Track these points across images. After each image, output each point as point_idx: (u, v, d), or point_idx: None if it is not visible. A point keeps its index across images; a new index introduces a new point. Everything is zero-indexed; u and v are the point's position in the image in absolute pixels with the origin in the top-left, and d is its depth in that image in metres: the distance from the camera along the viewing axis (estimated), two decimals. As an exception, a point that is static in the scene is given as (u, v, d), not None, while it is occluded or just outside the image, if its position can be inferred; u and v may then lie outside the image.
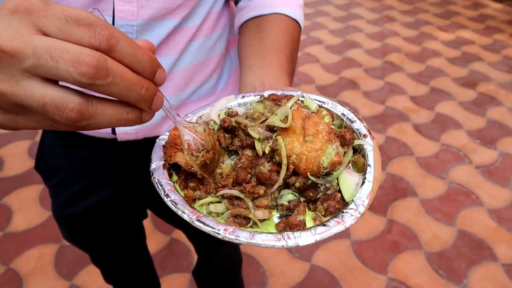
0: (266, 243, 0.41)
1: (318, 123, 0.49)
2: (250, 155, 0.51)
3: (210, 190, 0.49)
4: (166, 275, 1.83)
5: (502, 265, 1.88)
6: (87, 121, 0.32)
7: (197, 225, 0.43)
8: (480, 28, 4.08)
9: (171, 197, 0.45)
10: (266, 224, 0.47)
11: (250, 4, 0.80)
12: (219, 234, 0.42)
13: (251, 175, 0.50)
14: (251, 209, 0.46)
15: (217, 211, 0.47)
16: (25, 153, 2.49)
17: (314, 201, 0.49)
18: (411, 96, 3.06)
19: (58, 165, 0.95)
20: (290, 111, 0.49)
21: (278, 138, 0.49)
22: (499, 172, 2.39)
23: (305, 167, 0.47)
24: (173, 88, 0.80)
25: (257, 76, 0.66)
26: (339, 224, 0.43)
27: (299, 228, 0.45)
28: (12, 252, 1.91)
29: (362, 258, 1.90)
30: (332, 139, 0.48)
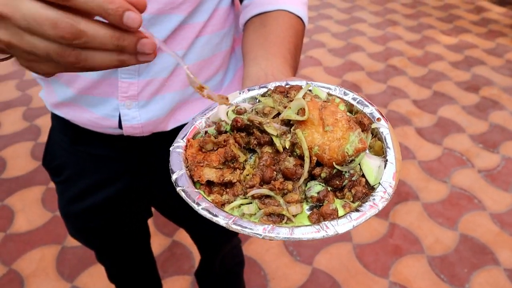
0: (307, 236, 0.42)
1: (335, 112, 0.49)
2: (270, 152, 0.51)
3: (238, 192, 0.49)
4: (168, 277, 1.83)
5: (504, 270, 1.88)
6: (83, 63, 0.38)
7: (235, 229, 0.43)
8: (483, 32, 4.08)
9: (201, 205, 0.45)
10: (299, 218, 0.47)
11: (254, 1, 0.81)
12: (259, 235, 0.42)
13: (276, 172, 0.50)
14: (283, 205, 0.46)
15: (250, 212, 0.46)
16: (28, 154, 2.50)
17: (341, 189, 0.49)
18: (414, 100, 3.06)
19: (65, 162, 0.95)
20: (305, 103, 0.49)
21: (297, 132, 0.49)
22: (501, 177, 2.38)
23: (330, 157, 0.47)
24: (179, 84, 0.81)
25: (261, 67, 0.67)
26: (373, 208, 0.44)
27: (333, 216, 0.45)
28: (14, 253, 1.92)
29: (364, 262, 1.90)
30: (352, 127, 0.48)
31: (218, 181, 0.49)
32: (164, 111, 0.81)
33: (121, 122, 0.80)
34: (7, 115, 2.85)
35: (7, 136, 2.64)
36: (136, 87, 0.77)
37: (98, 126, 0.83)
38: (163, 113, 0.82)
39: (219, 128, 0.55)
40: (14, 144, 2.57)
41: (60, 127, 0.93)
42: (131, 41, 0.39)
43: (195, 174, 0.49)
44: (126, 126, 0.81)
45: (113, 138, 0.85)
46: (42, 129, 2.71)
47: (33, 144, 2.57)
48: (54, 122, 0.96)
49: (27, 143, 2.58)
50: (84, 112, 0.82)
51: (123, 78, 0.76)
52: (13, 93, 3.07)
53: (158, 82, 0.78)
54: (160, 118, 0.82)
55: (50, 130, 1.00)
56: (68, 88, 0.81)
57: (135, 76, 0.76)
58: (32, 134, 2.67)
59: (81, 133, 0.87)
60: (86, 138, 0.88)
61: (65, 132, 0.91)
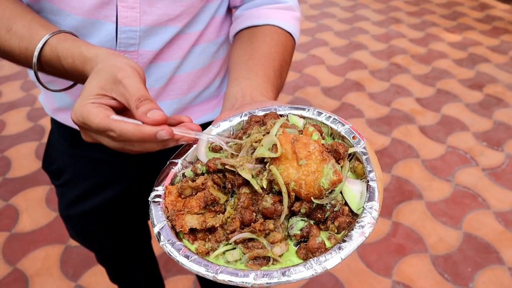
0: (297, 277, 0.41)
1: (308, 144, 0.47)
2: (248, 192, 0.49)
3: (220, 238, 0.48)
4: (171, 277, 1.83)
5: (508, 269, 1.86)
6: (133, 152, 0.54)
7: (221, 280, 0.42)
8: (487, 29, 4.05)
9: (186, 259, 0.45)
10: (287, 255, 0.46)
11: (245, 14, 0.80)
12: (248, 283, 0.41)
13: (256, 212, 0.48)
14: (268, 247, 0.46)
15: (235, 259, 0.46)
16: (32, 154, 2.51)
17: (324, 221, 0.48)
18: (417, 98, 3.04)
19: (64, 165, 0.96)
20: (277, 139, 0.48)
21: (272, 168, 0.48)
22: (506, 175, 2.36)
23: (307, 192, 0.46)
24: (177, 92, 0.80)
25: (241, 87, 0.67)
26: (360, 236, 0.44)
27: (321, 250, 0.44)
28: (18, 252, 1.93)
29: (367, 261, 1.90)
30: (326, 158, 0.47)
31: (201, 228, 0.49)
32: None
33: None
34: (12, 115, 2.86)
35: (12, 136, 2.66)
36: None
37: None
38: None
39: (195, 171, 0.54)
40: (19, 144, 2.59)
41: (59, 131, 0.93)
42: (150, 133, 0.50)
43: (176, 224, 0.49)
44: None
45: None
46: (46, 129, 2.72)
47: (37, 144, 2.59)
48: (53, 126, 0.97)
49: (31, 143, 2.60)
50: None
51: None
52: (18, 94, 3.09)
53: (155, 91, 0.78)
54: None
55: (50, 134, 1.00)
56: (66, 95, 0.81)
57: None
58: (36, 134, 2.68)
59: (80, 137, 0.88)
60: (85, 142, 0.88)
61: (64, 136, 0.92)
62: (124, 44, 0.69)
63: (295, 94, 3.11)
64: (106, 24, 0.67)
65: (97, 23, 0.67)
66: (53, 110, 0.87)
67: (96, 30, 0.68)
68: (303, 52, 3.66)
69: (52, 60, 0.60)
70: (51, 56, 0.59)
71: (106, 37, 0.68)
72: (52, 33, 0.60)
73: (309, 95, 3.09)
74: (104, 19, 0.67)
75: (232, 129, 0.59)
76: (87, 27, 0.67)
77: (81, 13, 0.66)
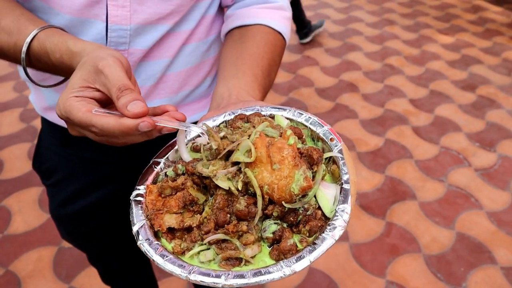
0: (266, 278, 0.42)
1: (282, 149, 0.48)
2: (224, 194, 0.50)
3: (196, 238, 0.49)
4: (165, 277, 1.83)
5: (501, 269, 1.88)
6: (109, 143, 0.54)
7: (194, 281, 0.43)
8: (479, 31, 4.09)
9: (162, 259, 0.46)
10: (260, 256, 0.47)
11: (236, 13, 0.80)
12: (219, 284, 0.42)
13: (230, 214, 0.49)
14: (240, 248, 0.46)
15: (208, 259, 0.47)
16: (25, 155, 2.49)
17: (297, 225, 0.49)
18: (411, 99, 3.06)
19: (55, 164, 0.95)
20: (252, 144, 0.48)
21: (247, 171, 0.48)
22: (498, 175, 2.39)
23: (279, 196, 0.47)
24: (167, 91, 0.80)
25: (228, 87, 0.67)
26: (329, 239, 0.44)
27: (292, 252, 0.45)
28: (11, 254, 1.91)
29: (360, 261, 1.90)
30: (298, 164, 0.47)
31: (179, 227, 0.49)
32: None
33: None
34: (4, 116, 2.84)
35: (4, 138, 2.64)
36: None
37: None
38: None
39: (176, 171, 0.55)
40: (11, 145, 2.57)
41: (50, 130, 0.93)
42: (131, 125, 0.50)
43: (155, 223, 0.49)
44: None
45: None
46: (39, 130, 2.70)
47: (30, 145, 2.57)
48: (44, 125, 0.96)
49: (24, 144, 2.58)
50: None
51: None
52: (10, 95, 3.07)
53: (145, 90, 0.78)
54: None
55: (40, 133, 1.00)
56: (56, 93, 0.80)
57: None
58: (29, 135, 2.66)
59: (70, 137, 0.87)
60: (75, 142, 0.88)
61: (55, 135, 0.91)
62: (114, 43, 0.69)
63: (290, 95, 3.12)
64: (96, 23, 0.67)
65: (87, 22, 0.67)
66: (43, 109, 0.87)
67: (86, 29, 0.68)
68: (298, 53, 3.67)
69: (40, 55, 0.60)
70: (40, 51, 0.59)
71: (96, 36, 0.68)
72: (40, 27, 0.59)
73: (303, 96, 3.10)
74: (94, 18, 0.67)
75: (215, 129, 0.60)
76: (77, 26, 0.67)
77: (70, 12, 0.66)
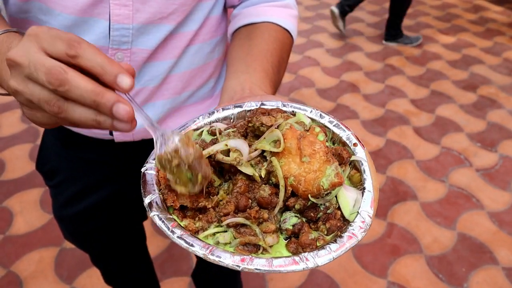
0: (287, 269, 0.41)
1: (314, 143, 0.47)
2: (245, 179, 0.49)
3: (212, 219, 0.47)
4: (166, 278, 1.83)
5: (502, 269, 1.88)
6: (64, 114, 0.41)
7: (212, 260, 0.42)
8: (480, 31, 4.08)
9: (177, 233, 0.44)
10: (276, 247, 0.46)
11: (243, 12, 0.81)
12: (238, 267, 0.41)
13: (251, 200, 0.48)
14: (260, 235, 0.45)
15: (225, 241, 0.45)
16: (26, 156, 2.50)
17: (315, 221, 0.48)
18: (412, 99, 3.06)
19: (57, 166, 0.96)
20: (280, 135, 0.48)
21: (273, 160, 0.47)
22: (499, 175, 2.38)
23: (305, 189, 0.46)
24: (170, 92, 0.81)
25: (240, 81, 0.67)
26: (352, 239, 0.43)
27: (312, 247, 0.44)
28: (12, 255, 1.92)
29: (362, 262, 1.90)
30: (330, 160, 0.47)
31: (192, 206, 0.48)
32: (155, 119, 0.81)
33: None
34: (6, 117, 2.85)
35: (6, 138, 2.64)
36: (125, 96, 0.77)
37: (89, 132, 0.83)
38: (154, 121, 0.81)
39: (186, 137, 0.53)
40: (13, 146, 2.58)
41: (52, 131, 0.93)
42: (108, 100, 0.41)
43: (168, 198, 0.48)
44: (117, 134, 0.81)
45: (105, 143, 0.85)
46: (40, 131, 2.71)
47: (31, 146, 2.57)
48: None
49: (25, 145, 2.58)
50: None
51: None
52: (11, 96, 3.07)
53: (149, 91, 0.78)
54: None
55: (43, 134, 1.00)
56: None
57: None
58: (31, 136, 2.67)
59: (72, 137, 0.88)
60: (77, 142, 0.88)
61: (57, 136, 0.92)
62: (117, 42, 0.69)
63: (291, 95, 3.12)
64: (99, 21, 0.68)
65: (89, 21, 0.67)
66: None
67: (89, 28, 0.68)
68: (299, 54, 3.67)
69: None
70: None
71: (99, 34, 0.68)
72: (2, 31, 0.57)
73: (304, 96, 3.10)
74: (97, 17, 0.67)
75: (233, 117, 0.58)
76: (80, 25, 0.67)
77: (73, 12, 0.66)
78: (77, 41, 0.40)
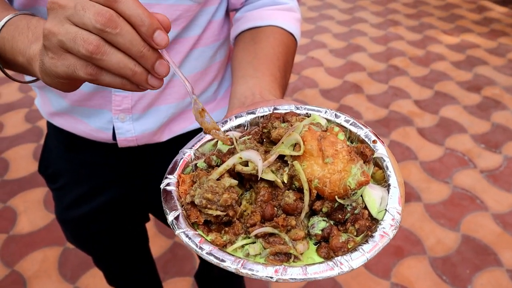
0: (323, 275, 0.40)
1: (335, 143, 0.46)
2: (267, 186, 0.48)
3: (239, 231, 0.46)
4: (169, 278, 1.83)
5: (507, 271, 1.87)
6: (101, 56, 0.41)
7: (245, 273, 0.40)
8: (484, 31, 4.07)
9: (205, 250, 0.43)
10: (307, 253, 0.45)
11: (246, 15, 0.80)
12: (272, 278, 0.40)
13: (276, 207, 0.47)
14: (289, 243, 0.44)
15: (255, 253, 0.44)
16: (30, 156, 2.50)
17: (343, 223, 0.47)
18: (415, 100, 3.05)
19: (60, 169, 0.96)
20: (300, 138, 0.47)
21: (295, 164, 0.46)
22: (504, 177, 2.37)
23: (331, 191, 0.45)
24: (174, 96, 0.80)
25: (249, 86, 0.66)
26: (384, 237, 0.43)
27: (343, 250, 0.43)
28: (16, 254, 1.92)
29: (365, 263, 1.89)
30: (354, 158, 0.46)
31: (217, 221, 0.46)
32: (158, 124, 0.81)
33: (115, 135, 0.80)
34: (10, 117, 2.86)
35: (10, 138, 2.65)
36: (129, 100, 0.77)
37: (93, 137, 0.83)
38: (158, 126, 0.81)
39: (209, 163, 0.52)
40: (17, 146, 2.58)
41: (55, 134, 0.93)
42: (152, 55, 0.42)
43: (192, 214, 0.47)
44: (120, 139, 0.81)
45: (108, 146, 0.85)
46: (44, 131, 2.72)
47: (35, 146, 2.58)
48: (49, 130, 0.96)
49: (29, 145, 2.59)
50: (78, 123, 0.82)
51: (116, 92, 0.76)
52: (16, 95, 3.08)
53: (152, 95, 0.78)
54: (154, 131, 0.82)
55: (46, 137, 1.00)
56: (62, 99, 0.81)
57: None
58: (34, 136, 2.68)
59: (75, 141, 0.87)
60: (80, 146, 0.88)
61: (60, 139, 0.92)
62: None
63: (294, 96, 3.11)
64: None
65: None
66: (49, 114, 0.87)
67: None
68: (302, 54, 3.66)
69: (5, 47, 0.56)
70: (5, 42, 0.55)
71: None
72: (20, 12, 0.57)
73: (307, 97, 3.10)
74: None
75: (247, 124, 0.58)
76: None
77: None
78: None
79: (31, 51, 0.50)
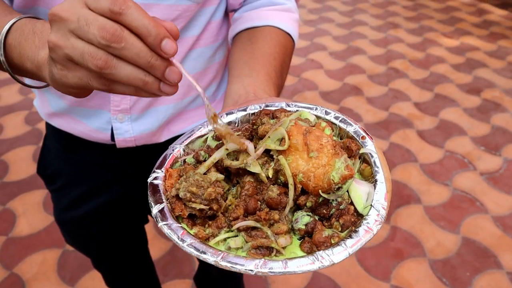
0: (302, 269, 0.40)
1: (320, 137, 0.46)
2: (252, 181, 0.48)
3: (222, 225, 0.46)
4: (168, 281, 1.82)
5: (507, 274, 1.86)
6: (110, 70, 0.41)
7: (224, 266, 0.40)
8: (484, 34, 4.07)
9: (187, 242, 0.43)
10: (290, 248, 0.45)
11: (244, 16, 0.80)
12: (252, 271, 0.40)
13: (260, 202, 0.47)
14: (272, 237, 0.44)
15: (236, 246, 0.44)
16: (30, 158, 2.50)
17: (328, 218, 0.47)
18: (415, 103, 3.05)
19: (59, 170, 0.95)
20: (285, 132, 0.47)
21: (280, 158, 0.46)
22: (504, 179, 2.37)
23: (315, 185, 0.45)
24: (173, 97, 0.80)
25: (243, 85, 0.66)
26: (368, 232, 0.42)
27: (326, 244, 0.43)
28: (15, 256, 1.92)
29: (365, 266, 1.89)
30: (338, 152, 0.46)
31: (201, 215, 0.47)
32: (157, 124, 0.81)
33: (114, 135, 0.80)
34: (10, 119, 2.86)
35: (9, 140, 2.65)
36: (128, 100, 0.77)
37: (91, 138, 0.83)
38: (156, 126, 0.81)
39: (197, 158, 0.52)
40: (16, 148, 2.58)
41: (54, 135, 0.93)
42: (161, 64, 0.42)
43: (176, 208, 0.47)
44: (118, 140, 0.81)
45: (106, 147, 0.85)
46: (44, 133, 2.72)
47: (35, 148, 2.58)
48: (48, 131, 0.97)
49: (29, 147, 2.59)
50: (77, 123, 0.82)
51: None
52: (16, 97, 3.09)
53: None
54: (153, 131, 0.82)
55: (44, 138, 1.00)
56: (61, 100, 0.81)
57: None
58: (34, 138, 2.68)
59: (74, 141, 0.88)
60: (79, 147, 0.88)
61: (59, 140, 0.92)
62: None
63: (294, 98, 3.12)
64: None
65: None
66: (48, 115, 0.87)
67: None
68: (302, 57, 3.67)
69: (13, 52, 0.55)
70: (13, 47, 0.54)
71: None
72: (24, 16, 0.56)
73: (307, 99, 3.10)
74: None
75: (238, 121, 0.58)
76: None
77: None
78: (124, 1, 0.40)
79: (39, 57, 0.50)
